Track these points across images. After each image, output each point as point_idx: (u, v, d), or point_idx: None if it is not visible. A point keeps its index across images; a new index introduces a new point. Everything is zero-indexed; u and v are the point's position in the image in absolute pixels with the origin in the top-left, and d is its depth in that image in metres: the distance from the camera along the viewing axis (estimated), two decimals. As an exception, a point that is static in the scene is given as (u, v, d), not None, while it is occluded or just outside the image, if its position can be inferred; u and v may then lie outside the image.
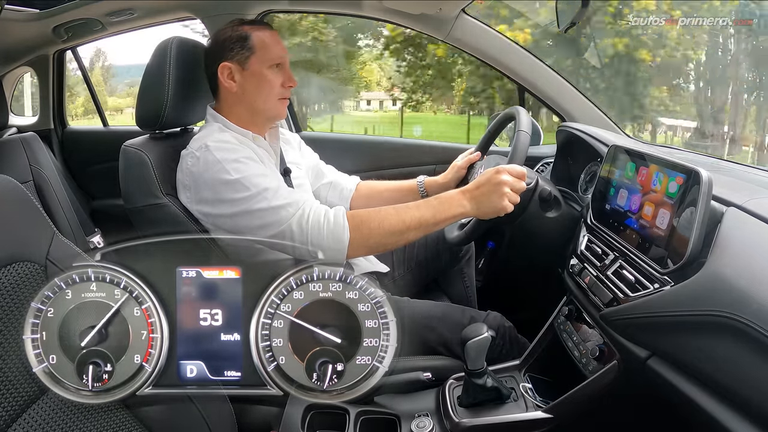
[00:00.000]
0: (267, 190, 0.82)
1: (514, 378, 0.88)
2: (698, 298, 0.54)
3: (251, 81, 0.92)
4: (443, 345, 0.94)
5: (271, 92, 0.93)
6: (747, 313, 0.48)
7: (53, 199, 1.66)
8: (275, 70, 0.93)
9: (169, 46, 0.93)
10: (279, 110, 0.96)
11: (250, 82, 0.92)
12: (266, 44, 0.92)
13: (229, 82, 0.93)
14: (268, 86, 0.93)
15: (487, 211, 0.82)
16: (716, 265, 0.54)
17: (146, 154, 0.89)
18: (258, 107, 0.94)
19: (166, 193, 0.88)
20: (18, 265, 0.56)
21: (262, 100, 0.93)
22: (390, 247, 0.85)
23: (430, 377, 0.86)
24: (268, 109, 0.95)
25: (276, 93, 0.94)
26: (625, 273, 0.69)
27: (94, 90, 2.06)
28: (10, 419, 0.52)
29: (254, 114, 0.95)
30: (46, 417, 0.55)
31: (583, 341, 0.82)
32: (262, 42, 0.92)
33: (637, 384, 0.68)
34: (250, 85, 0.93)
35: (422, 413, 0.80)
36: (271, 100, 0.94)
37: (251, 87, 0.93)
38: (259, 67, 0.92)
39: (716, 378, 0.53)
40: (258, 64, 0.92)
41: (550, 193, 0.93)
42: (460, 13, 1.28)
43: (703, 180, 0.58)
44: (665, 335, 0.60)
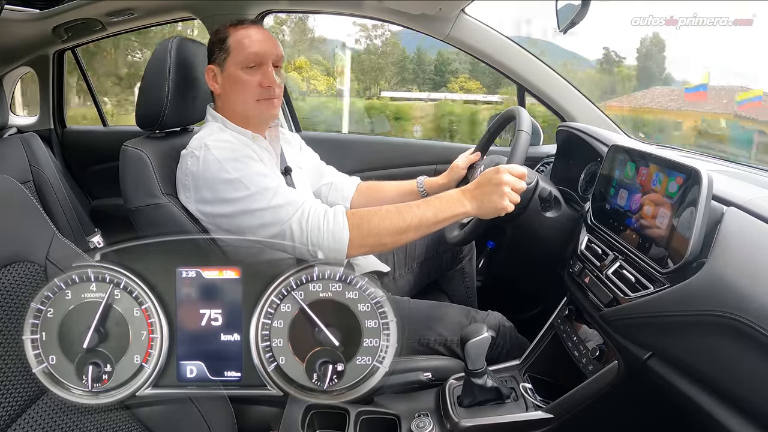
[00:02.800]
0: (267, 190, 0.82)
1: (514, 378, 0.88)
2: (698, 298, 0.54)
3: (228, 83, 0.92)
4: (443, 345, 0.94)
5: (246, 94, 0.91)
6: (747, 312, 0.48)
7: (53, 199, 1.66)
8: (250, 71, 0.90)
9: (169, 46, 0.93)
10: (262, 111, 0.93)
11: (227, 84, 0.92)
12: (241, 45, 0.90)
13: (213, 84, 0.93)
14: (241, 88, 0.91)
15: (488, 210, 0.82)
16: (716, 265, 0.54)
17: (146, 153, 0.89)
18: (238, 109, 0.93)
19: (166, 193, 0.88)
20: (18, 265, 0.56)
21: (241, 102, 0.92)
22: (390, 246, 0.84)
23: (430, 377, 0.86)
24: (247, 110, 0.93)
25: (252, 94, 0.91)
26: (625, 273, 0.69)
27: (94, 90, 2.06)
28: (10, 419, 0.52)
29: (240, 115, 0.94)
30: (46, 417, 0.55)
31: (583, 341, 0.82)
32: (237, 43, 0.90)
33: (636, 384, 0.68)
34: (227, 87, 0.92)
35: (422, 413, 0.80)
36: (249, 101, 0.91)
37: (229, 89, 0.92)
38: (233, 69, 0.90)
39: (716, 378, 0.53)
40: (232, 66, 0.90)
41: (550, 193, 0.93)
42: (459, 13, 1.28)
43: (703, 180, 0.58)
44: (665, 335, 0.60)
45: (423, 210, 0.82)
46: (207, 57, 0.95)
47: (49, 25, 1.60)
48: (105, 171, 1.81)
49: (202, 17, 1.46)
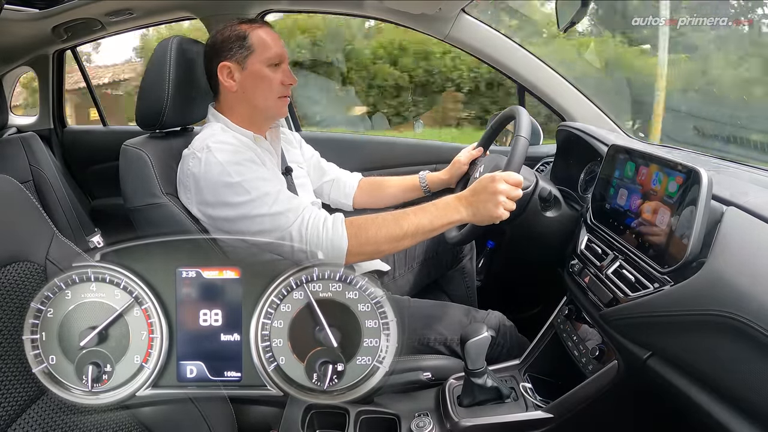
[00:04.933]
0: (267, 195, 0.82)
1: (514, 378, 0.88)
2: (698, 298, 0.54)
3: (250, 80, 0.92)
4: (443, 345, 0.94)
5: (270, 91, 0.93)
6: (747, 312, 0.48)
7: (53, 199, 1.67)
8: (274, 68, 0.93)
9: (169, 45, 0.93)
10: (279, 108, 0.96)
11: (250, 81, 0.92)
12: (265, 43, 0.92)
13: (228, 81, 0.93)
14: (267, 85, 0.93)
15: (483, 218, 0.83)
16: (716, 265, 0.54)
17: (146, 153, 0.89)
18: (258, 106, 0.94)
19: (167, 193, 0.88)
20: (18, 265, 0.56)
21: (263, 99, 0.94)
22: (388, 253, 0.86)
23: (430, 377, 0.86)
24: (268, 108, 0.95)
25: (276, 91, 0.94)
26: (624, 273, 0.69)
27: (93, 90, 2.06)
28: (9, 419, 0.52)
29: (255, 113, 0.95)
30: (46, 417, 0.55)
31: (583, 341, 0.82)
32: (261, 41, 0.92)
33: (636, 384, 0.68)
34: (249, 84, 0.93)
35: (422, 413, 0.80)
36: (271, 98, 0.94)
37: (251, 86, 0.93)
38: (258, 66, 0.92)
39: (716, 377, 0.53)
40: (257, 63, 0.92)
41: (550, 192, 0.93)
42: (459, 13, 1.27)
43: (702, 179, 0.58)
44: (665, 335, 0.60)
45: (420, 217, 0.83)
46: (214, 54, 0.93)
47: (48, 24, 1.60)
48: (105, 171, 1.81)
49: (202, 17, 1.46)
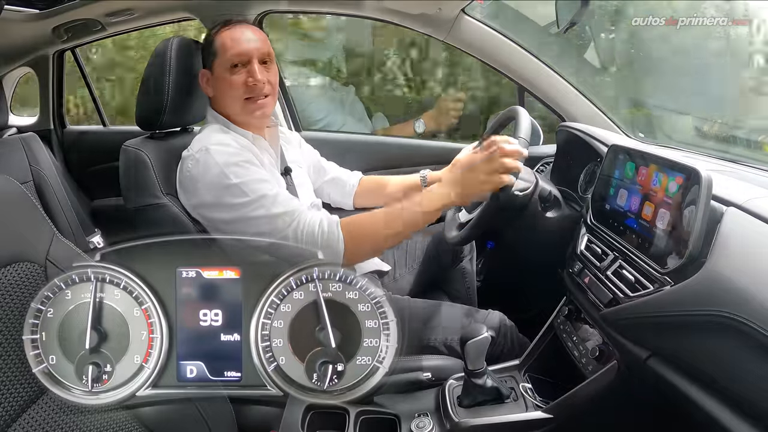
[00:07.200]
0: (265, 197, 0.82)
1: (514, 378, 0.88)
2: (698, 298, 0.54)
3: (216, 85, 0.92)
4: (443, 345, 0.94)
5: (233, 94, 0.91)
6: (747, 312, 0.48)
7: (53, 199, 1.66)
8: (236, 70, 0.90)
9: (169, 46, 0.93)
10: (251, 110, 0.92)
11: (218, 86, 0.92)
12: (225, 45, 0.90)
13: (207, 88, 0.93)
14: (228, 88, 0.91)
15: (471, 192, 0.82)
16: (716, 265, 0.54)
17: (146, 154, 0.89)
18: (228, 111, 0.93)
19: (167, 193, 0.88)
20: (18, 265, 0.56)
21: (230, 103, 0.92)
22: (386, 249, 0.86)
23: (430, 377, 0.86)
24: (236, 113, 0.93)
25: (239, 94, 0.91)
26: (624, 273, 0.69)
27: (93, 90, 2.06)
28: (10, 419, 0.52)
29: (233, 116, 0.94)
30: (46, 417, 0.55)
31: (583, 341, 0.82)
32: (221, 44, 0.91)
33: (636, 384, 0.68)
34: (218, 90, 0.92)
35: (422, 413, 0.80)
36: (237, 101, 0.91)
37: (219, 91, 0.92)
38: (219, 71, 0.91)
39: (716, 378, 0.53)
40: (219, 68, 0.91)
41: (550, 193, 0.93)
42: (459, 13, 1.27)
43: (702, 179, 0.58)
44: (665, 335, 0.60)
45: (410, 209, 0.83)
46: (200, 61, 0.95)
47: (49, 25, 1.60)
48: (105, 171, 1.81)
49: (202, 17, 1.45)
